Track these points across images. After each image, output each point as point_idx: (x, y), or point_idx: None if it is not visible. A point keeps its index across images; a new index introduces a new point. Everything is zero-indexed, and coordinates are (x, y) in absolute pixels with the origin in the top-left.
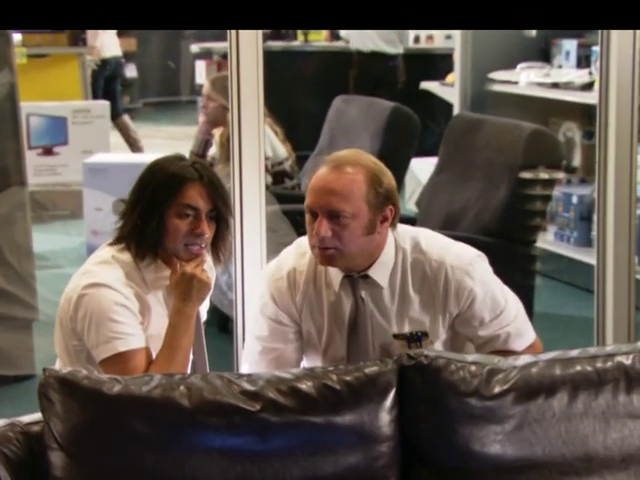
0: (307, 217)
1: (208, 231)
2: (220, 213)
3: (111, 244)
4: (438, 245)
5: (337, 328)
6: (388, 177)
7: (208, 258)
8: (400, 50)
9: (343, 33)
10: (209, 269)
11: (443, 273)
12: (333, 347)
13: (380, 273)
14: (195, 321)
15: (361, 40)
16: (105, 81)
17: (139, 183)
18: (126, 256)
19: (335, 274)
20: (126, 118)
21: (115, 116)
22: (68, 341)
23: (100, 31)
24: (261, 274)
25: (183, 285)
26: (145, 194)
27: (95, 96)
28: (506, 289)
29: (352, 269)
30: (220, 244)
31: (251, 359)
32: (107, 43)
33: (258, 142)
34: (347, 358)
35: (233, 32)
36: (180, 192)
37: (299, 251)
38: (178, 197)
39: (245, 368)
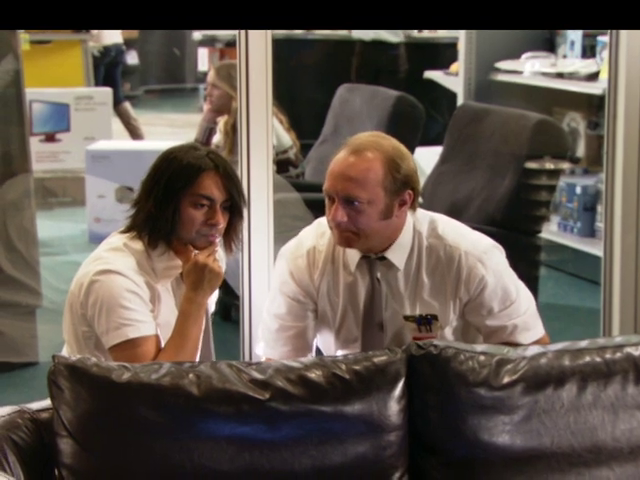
0: (326, 200)
1: (223, 221)
2: (234, 203)
3: (122, 232)
4: (455, 231)
5: (351, 308)
6: (407, 161)
7: (219, 248)
8: (401, 38)
9: None
10: (220, 259)
11: (456, 258)
12: (346, 327)
13: (397, 255)
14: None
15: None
16: (106, 68)
17: (153, 172)
18: (138, 244)
19: (353, 255)
20: (127, 105)
21: (116, 103)
22: (77, 327)
23: None
24: (280, 253)
25: (195, 274)
26: (160, 183)
27: (96, 83)
28: (520, 283)
29: (370, 250)
30: (232, 234)
31: (268, 336)
32: (108, 30)
33: (266, 130)
34: (361, 339)
35: None
36: (196, 182)
37: (319, 231)
38: (194, 187)
39: (261, 346)
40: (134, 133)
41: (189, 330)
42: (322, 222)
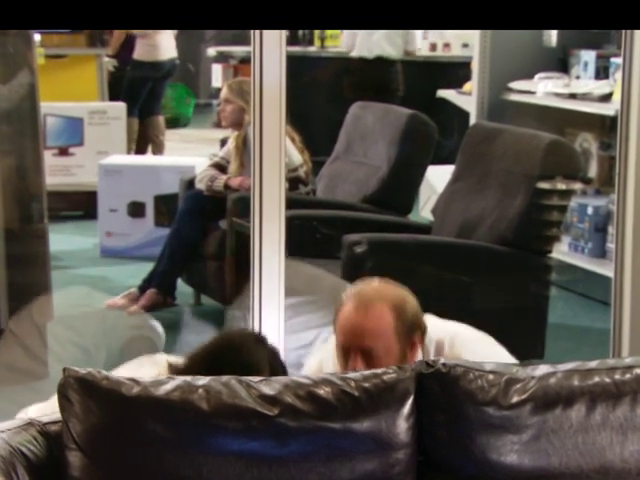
0: (338, 352)
1: None
2: None
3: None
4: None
5: None
6: (411, 303)
7: None
8: (401, 55)
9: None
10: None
11: None
12: None
13: None
14: None
15: (366, 46)
16: (155, 81)
17: (207, 353)
18: None
19: None
20: (161, 119)
21: (151, 113)
22: None
23: (156, 34)
24: (303, 369)
25: None
26: (209, 369)
27: (137, 98)
28: None
29: None
30: None
31: None
32: (165, 45)
33: (279, 147)
34: None
35: (257, 34)
36: None
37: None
38: None
39: None
40: (158, 148)
41: None
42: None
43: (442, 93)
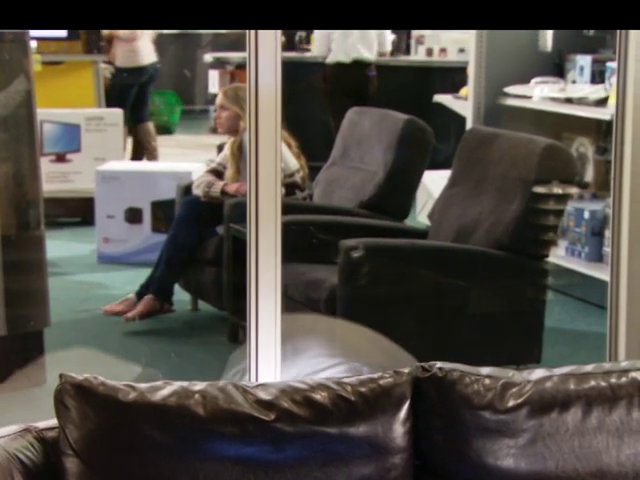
0: None
1: None
2: None
3: None
4: None
5: None
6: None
7: None
8: (385, 54)
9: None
10: None
11: None
12: None
13: None
14: None
15: (343, 50)
16: (140, 87)
17: None
18: None
19: None
20: (150, 125)
21: (140, 120)
22: None
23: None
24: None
25: None
26: None
27: (125, 103)
28: None
29: None
30: None
31: None
32: (145, 50)
33: (275, 153)
34: None
35: (252, 39)
36: None
37: None
38: None
39: None
40: (151, 154)
41: None
42: None
43: (438, 98)
